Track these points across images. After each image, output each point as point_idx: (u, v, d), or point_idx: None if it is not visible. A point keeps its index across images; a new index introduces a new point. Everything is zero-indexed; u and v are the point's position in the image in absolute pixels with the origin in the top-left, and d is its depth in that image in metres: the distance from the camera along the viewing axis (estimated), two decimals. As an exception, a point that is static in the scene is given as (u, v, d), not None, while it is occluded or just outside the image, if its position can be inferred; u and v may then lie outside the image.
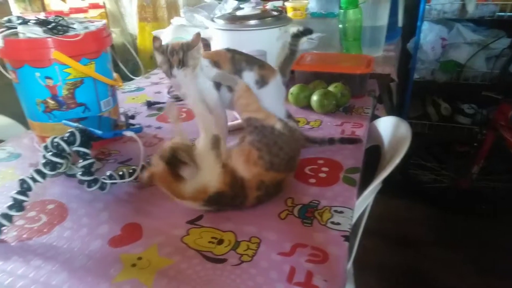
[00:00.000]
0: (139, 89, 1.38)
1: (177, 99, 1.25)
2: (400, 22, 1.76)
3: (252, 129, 0.72)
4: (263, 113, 0.73)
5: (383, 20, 1.51)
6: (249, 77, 0.87)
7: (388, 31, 1.55)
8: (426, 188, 2.08)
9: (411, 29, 1.92)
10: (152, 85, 1.42)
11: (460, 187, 1.98)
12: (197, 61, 0.82)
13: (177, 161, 0.63)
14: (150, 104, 1.21)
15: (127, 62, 1.05)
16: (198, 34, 0.80)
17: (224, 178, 0.66)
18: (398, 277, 1.62)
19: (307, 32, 0.89)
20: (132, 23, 2.55)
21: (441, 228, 1.88)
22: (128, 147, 0.96)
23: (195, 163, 0.64)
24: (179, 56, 0.80)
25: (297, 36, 0.89)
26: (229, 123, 0.94)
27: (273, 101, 0.86)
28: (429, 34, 2.03)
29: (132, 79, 1.38)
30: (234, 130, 0.94)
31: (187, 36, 1.42)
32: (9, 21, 0.86)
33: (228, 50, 0.89)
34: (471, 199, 1.96)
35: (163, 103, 1.22)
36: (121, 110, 1.11)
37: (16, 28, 0.83)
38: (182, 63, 0.80)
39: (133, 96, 1.31)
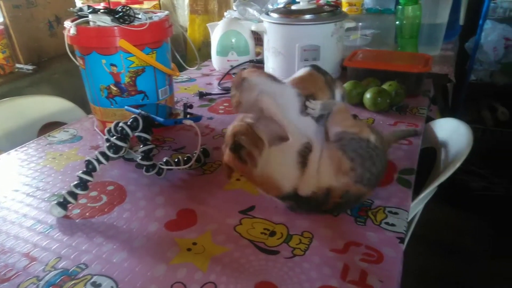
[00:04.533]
0: (190, 79, 1.41)
1: (228, 91, 1.27)
2: (461, 20, 1.67)
3: (348, 141, 0.66)
4: (357, 128, 0.69)
5: (443, 17, 1.44)
6: (338, 94, 0.77)
7: (447, 29, 1.48)
8: (475, 196, 1.98)
9: (471, 27, 1.82)
10: (203, 76, 1.45)
11: (515, 197, 1.86)
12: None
13: (240, 146, 0.64)
14: (201, 95, 1.24)
15: (176, 53, 1.09)
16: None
17: (308, 185, 0.64)
18: (440, 286, 1.56)
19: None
20: (183, 16, 2.61)
21: (491, 239, 1.78)
22: (182, 135, 0.99)
23: (259, 144, 0.64)
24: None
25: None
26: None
27: None
28: (491, 34, 1.92)
29: (184, 70, 1.41)
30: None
31: (240, 29, 1.43)
32: (80, 10, 0.91)
33: (316, 69, 0.76)
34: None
35: (214, 94, 1.25)
36: (175, 99, 1.15)
37: (87, 16, 0.87)
38: None
39: (185, 86, 1.34)
